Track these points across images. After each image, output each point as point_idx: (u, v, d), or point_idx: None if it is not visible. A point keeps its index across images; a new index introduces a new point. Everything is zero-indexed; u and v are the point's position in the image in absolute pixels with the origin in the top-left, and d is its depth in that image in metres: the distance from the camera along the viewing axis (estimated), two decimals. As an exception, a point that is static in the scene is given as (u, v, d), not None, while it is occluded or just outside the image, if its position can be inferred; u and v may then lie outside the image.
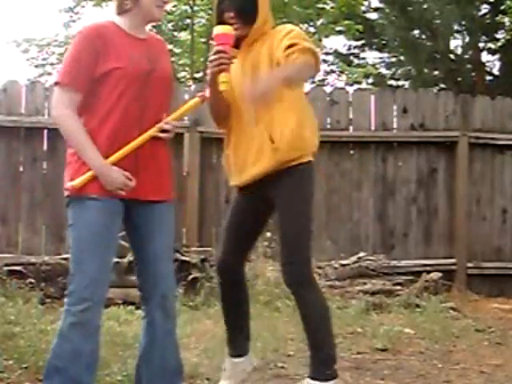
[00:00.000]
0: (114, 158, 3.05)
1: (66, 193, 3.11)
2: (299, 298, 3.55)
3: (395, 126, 7.75)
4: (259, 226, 3.79)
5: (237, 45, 3.55)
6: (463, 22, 13.59)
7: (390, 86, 14.84)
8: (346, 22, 14.77)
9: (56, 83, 3.12)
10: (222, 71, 3.41)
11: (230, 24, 3.51)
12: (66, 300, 3.07)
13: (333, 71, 17.48)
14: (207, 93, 3.46)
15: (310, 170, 3.62)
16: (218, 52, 3.41)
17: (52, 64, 17.37)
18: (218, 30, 3.46)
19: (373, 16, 16.17)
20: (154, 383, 3.22)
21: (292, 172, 3.53)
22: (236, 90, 3.56)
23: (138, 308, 5.63)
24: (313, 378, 3.47)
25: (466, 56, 14.21)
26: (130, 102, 3.09)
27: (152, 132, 3.14)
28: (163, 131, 3.17)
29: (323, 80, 17.26)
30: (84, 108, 3.09)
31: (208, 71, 3.49)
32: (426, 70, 13.84)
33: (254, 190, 3.61)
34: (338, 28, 15.59)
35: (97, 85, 3.07)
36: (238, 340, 3.81)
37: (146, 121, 3.14)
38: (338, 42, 23.93)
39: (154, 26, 17.74)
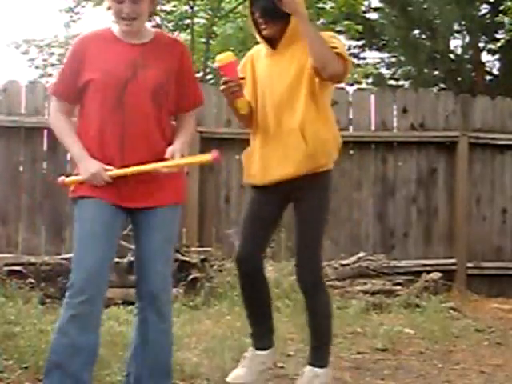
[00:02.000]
0: (113, 173, 3.15)
1: (69, 194, 3.27)
2: (309, 296, 3.78)
3: (395, 125, 7.75)
4: (276, 222, 3.91)
5: (271, 44, 3.69)
6: (463, 22, 13.58)
7: (390, 85, 14.83)
8: (346, 21, 14.77)
9: (50, 94, 3.41)
10: (236, 98, 3.58)
11: (259, 23, 3.65)
12: (66, 294, 3.12)
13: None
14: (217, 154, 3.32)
15: (332, 177, 3.79)
16: (225, 82, 3.54)
17: (52, 65, 17.36)
18: (221, 60, 3.56)
19: (373, 16, 16.16)
20: (140, 383, 3.24)
21: (319, 178, 3.69)
22: (267, 90, 3.69)
23: (138, 308, 5.64)
24: (315, 366, 3.80)
25: (466, 56, 14.20)
26: (110, 110, 3.13)
27: (160, 166, 3.15)
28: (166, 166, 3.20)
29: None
30: (80, 116, 3.25)
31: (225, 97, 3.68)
32: (426, 70, 13.83)
33: (278, 189, 3.72)
34: (337, 28, 15.57)
35: (82, 94, 3.19)
36: (260, 333, 3.92)
37: (130, 127, 3.14)
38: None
39: (153, 26, 17.81)
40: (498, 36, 13.25)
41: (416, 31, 14.14)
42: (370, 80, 16.28)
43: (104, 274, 3.15)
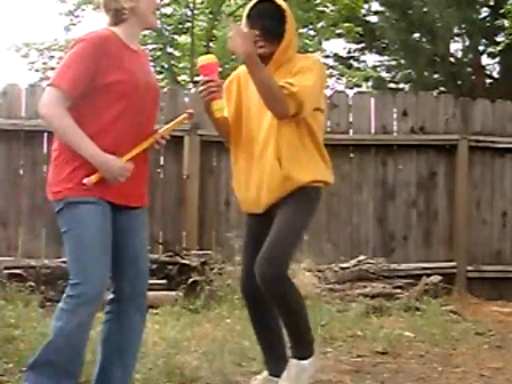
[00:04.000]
0: (95, 176, 3.08)
1: (58, 196, 3.15)
2: (268, 291, 3.57)
3: (395, 129, 7.75)
4: None
5: (263, 62, 3.60)
6: (463, 26, 13.59)
7: (390, 89, 14.83)
8: (346, 24, 14.81)
9: (50, 84, 3.09)
10: (214, 99, 3.50)
11: (255, 41, 3.57)
12: (69, 300, 3.08)
13: (332, 74, 17.48)
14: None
15: (316, 193, 3.69)
16: (205, 82, 3.47)
17: (52, 68, 17.37)
18: (202, 60, 3.52)
19: (373, 19, 16.18)
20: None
21: (299, 191, 3.61)
22: (252, 113, 3.66)
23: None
24: (300, 358, 3.66)
25: (466, 59, 14.21)
26: (132, 114, 3.14)
27: (149, 143, 3.24)
28: (156, 143, 3.29)
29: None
30: (83, 115, 3.09)
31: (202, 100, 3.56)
32: (426, 74, 13.83)
33: (266, 211, 3.68)
34: (338, 31, 15.61)
35: (98, 94, 3.08)
36: (271, 360, 3.85)
37: (143, 133, 3.22)
38: (338, 45, 24.02)
39: (154, 30, 17.82)
40: (498, 39, 13.26)
41: (416, 34, 14.16)
42: (369, 83, 16.29)
43: (108, 283, 3.19)
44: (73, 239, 3.12)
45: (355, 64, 17.23)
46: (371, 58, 17.56)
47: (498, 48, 12.53)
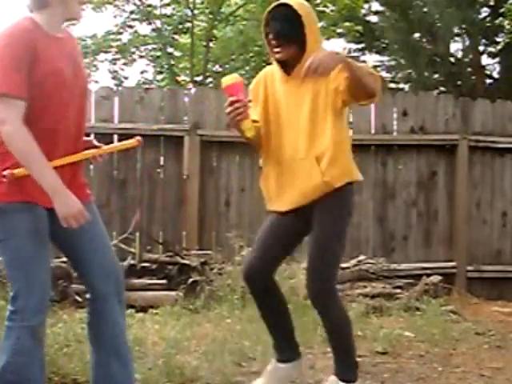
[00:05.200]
0: (20, 171, 2.86)
1: None
2: (323, 315, 3.66)
3: (395, 129, 7.75)
4: (293, 245, 3.82)
5: (285, 69, 3.63)
6: (463, 26, 13.59)
7: (390, 89, 14.83)
8: (347, 24, 14.81)
9: (1, 95, 2.82)
10: (242, 120, 3.49)
11: (273, 46, 3.59)
12: (14, 316, 2.91)
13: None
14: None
15: (351, 193, 3.78)
16: (232, 103, 3.45)
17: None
18: (227, 81, 3.50)
19: (373, 19, 16.20)
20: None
21: (335, 195, 3.63)
22: (282, 118, 3.65)
23: (137, 311, 5.64)
24: (339, 378, 3.69)
25: (466, 59, 14.22)
26: (65, 107, 2.96)
27: (90, 154, 3.13)
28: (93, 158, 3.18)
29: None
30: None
31: (229, 122, 3.55)
32: (426, 74, 13.84)
33: (296, 214, 3.67)
34: (338, 31, 15.62)
35: (34, 91, 2.86)
36: (281, 345, 3.86)
37: (70, 124, 3.01)
38: (338, 45, 23.93)
39: (153, 30, 17.84)
40: (498, 39, 13.27)
41: (416, 34, 14.16)
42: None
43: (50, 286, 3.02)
44: (7, 249, 2.93)
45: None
46: (371, 58, 17.53)
47: (498, 48, 12.54)
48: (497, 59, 14.52)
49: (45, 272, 2.95)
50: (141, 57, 18.79)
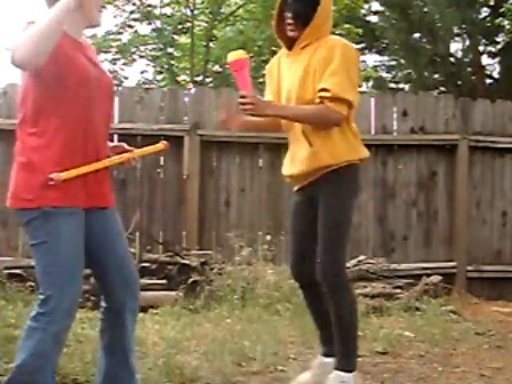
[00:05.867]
0: (67, 174, 2.92)
1: (30, 205, 2.92)
2: (331, 296, 3.70)
3: (395, 129, 7.75)
4: (314, 227, 3.81)
5: (290, 46, 3.73)
6: (463, 26, 13.60)
7: (390, 89, 14.85)
8: (347, 25, 14.80)
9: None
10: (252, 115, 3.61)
11: (288, 24, 3.66)
12: (41, 318, 2.92)
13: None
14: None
15: (353, 173, 3.81)
16: (241, 97, 3.50)
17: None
18: (232, 56, 3.53)
19: (373, 19, 16.20)
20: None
21: (332, 177, 3.70)
22: (284, 91, 3.75)
23: (141, 311, 5.62)
24: (341, 370, 3.70)
25: (466, 59, 14.22)
26: (85, 109, 3.00)
27: (125, 158, 3.23)
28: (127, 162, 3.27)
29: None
30: (40, 113, 3.12)
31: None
32: (426, 74, 13.85)
33: (303, 193, 3.81)
34: (338, 31, 15.59)
35: (54, 88, 2.96)
36: (326, 339, 3.89)
37: (97, 126, 3.06)
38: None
39: (153, 30, 17.84)
40: (498, 39, 13.28)
41: (416, 34, 14.17)
42: (370, 83, 16.30)
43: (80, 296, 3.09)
44: (47, 252, 2.93)
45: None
46: (371, 58, 17.60)
47: (498, 48, 12.54)
48: (497, 59, 14.53)
49: (79, 278, 2.99)
50: (141, 57, 18.78)
